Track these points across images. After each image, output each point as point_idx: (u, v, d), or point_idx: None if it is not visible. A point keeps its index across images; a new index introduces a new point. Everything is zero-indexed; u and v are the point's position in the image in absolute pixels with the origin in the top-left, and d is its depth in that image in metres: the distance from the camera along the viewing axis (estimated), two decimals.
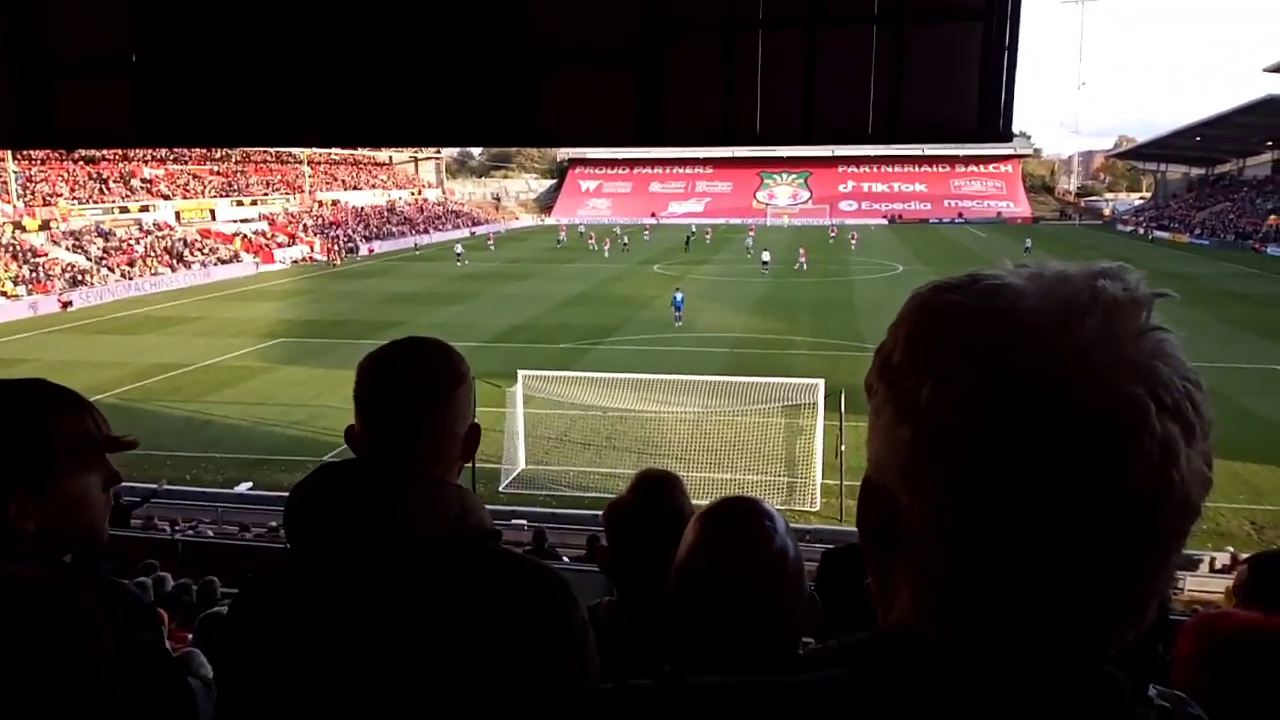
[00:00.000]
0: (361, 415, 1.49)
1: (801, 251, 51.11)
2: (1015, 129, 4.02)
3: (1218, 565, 12.46)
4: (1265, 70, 58.99)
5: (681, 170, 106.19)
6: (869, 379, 0.69)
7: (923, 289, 0.67)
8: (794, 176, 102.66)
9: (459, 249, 57.72)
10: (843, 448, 14.90)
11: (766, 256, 49.15)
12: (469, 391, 1.52)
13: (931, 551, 0.63)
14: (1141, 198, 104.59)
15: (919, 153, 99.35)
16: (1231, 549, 13.20)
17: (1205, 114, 70.38)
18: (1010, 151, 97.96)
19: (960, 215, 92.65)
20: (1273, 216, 66.82)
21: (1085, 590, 0.60)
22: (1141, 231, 77.10)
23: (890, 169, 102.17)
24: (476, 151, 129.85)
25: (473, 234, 79.04)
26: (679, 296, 32.66)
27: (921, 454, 0.62)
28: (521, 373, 18.45)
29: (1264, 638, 1.72)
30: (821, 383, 17.20)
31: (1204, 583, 11.34)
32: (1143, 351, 0.61)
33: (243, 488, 16.08)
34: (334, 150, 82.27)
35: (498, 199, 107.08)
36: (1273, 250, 60.48)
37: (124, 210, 55.16)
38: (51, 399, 1.57)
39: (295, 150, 74.22)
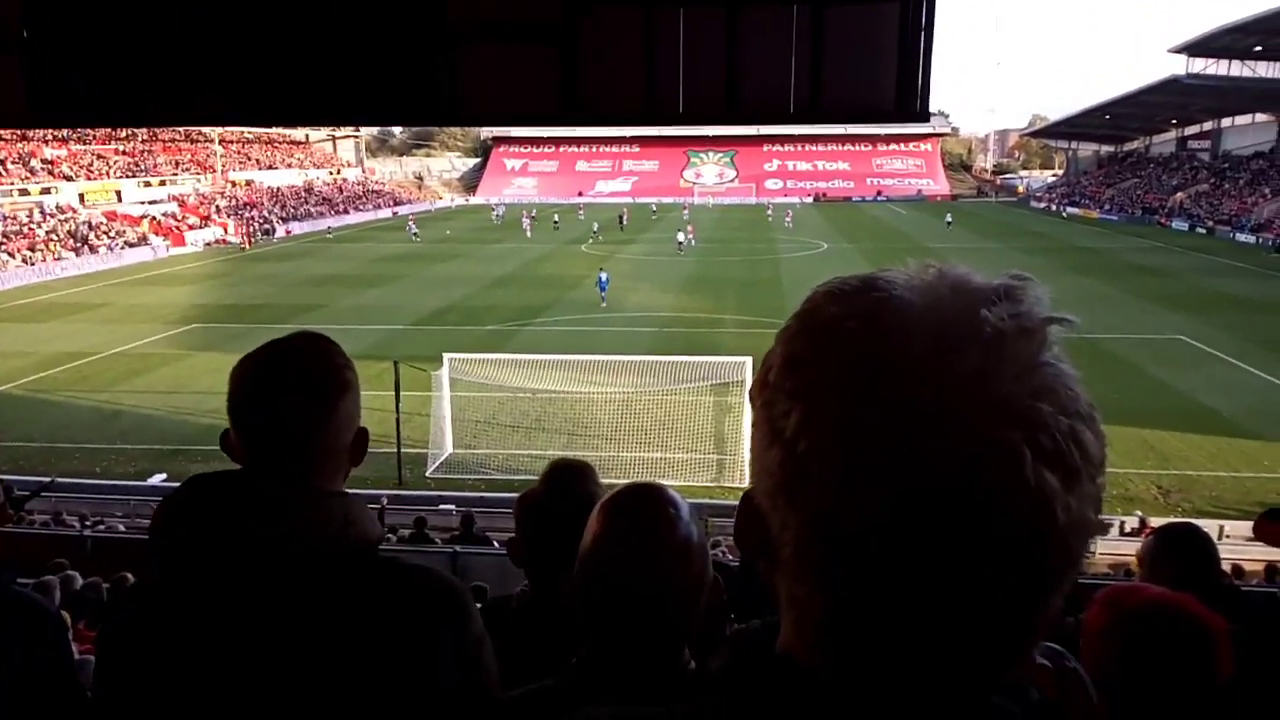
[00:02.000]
0: (236, 425, 1.37)
1: (690, 229, 52.43)
2: (933, 108, 4.07)
3: (1127, 529, 13.02)
4: (1170, 50, 61.35)
5: (608, 149, 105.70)
6: (751, 389, 0.65)
7: (819, 290, 0.63)
8: (720, 155, 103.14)
9: (412, 225, 58.19)
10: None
11: (681, 238, 49.68)
12: (355, 398, 1.41)
13: (799, 579, 0.61)
14: (1054, 175, 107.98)
15: (842, 132, 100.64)
16: (1140, 513, 13.80)
17: (1114, 93, 72.92)
18: (929, 130, 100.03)
19: (879, 193, 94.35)
20: (1178, 193, 69.74)
21: (956, 634, 0.57)
22: (1054, 208, 79.64)
23: (814, 148, 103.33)
24: (397, 130, 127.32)
25: (394, 214, 77.50)
26: (603, 277, 32.64)
27: (787, 483, 0.59)
28: (447, 356, 18.20)
29: (1167, 612, 1.76)
30: (749, 360, 17.36)
31: (1116, 545, 11.82)
32: (1024, 391, 0.56)
33: (156, 480, 15.51)
34: (247, 129, 79.63)
35: (420, 178, 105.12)
36: (1177, 224, 63.17)
37: (24, 193, 52.45)
38: None
39: (206, 129, 71.51)
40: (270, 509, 1.26)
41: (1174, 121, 77.60)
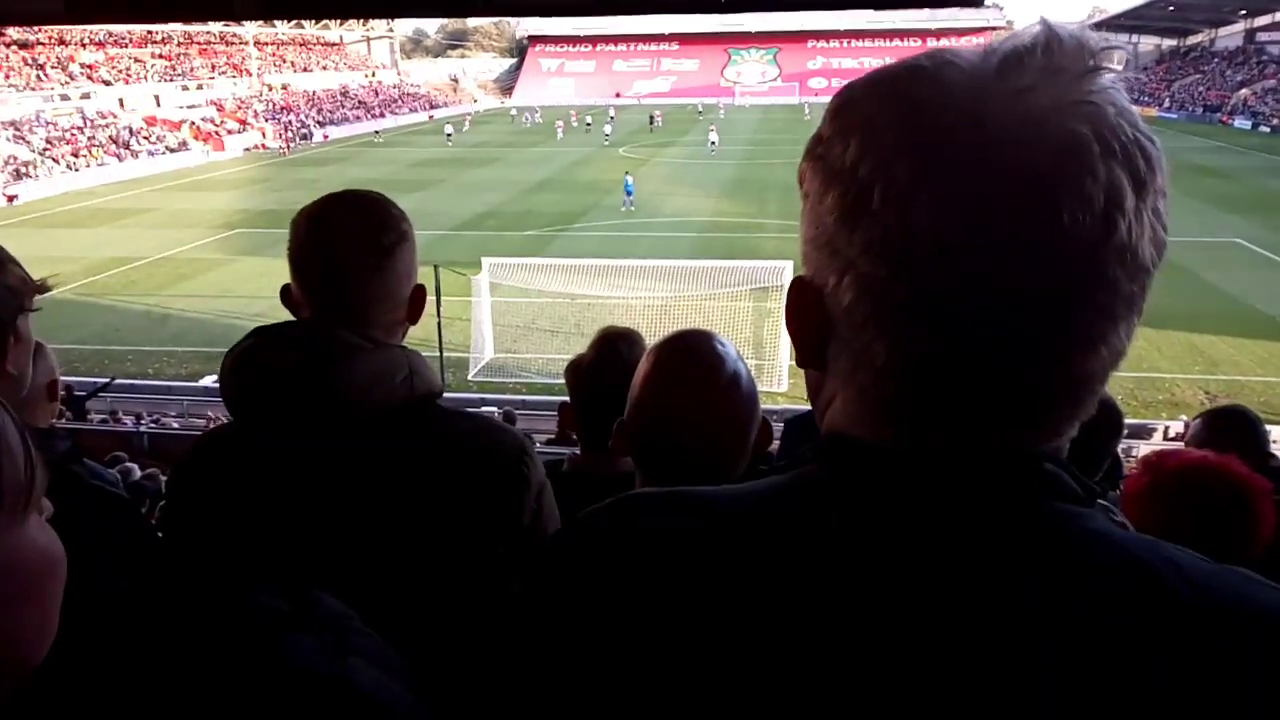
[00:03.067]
0: (297, 274, 1.39)
1: (713, 129, 51.78)
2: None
3: (1171, 434, 12.87)
4: None
5: (646, 48, 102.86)
6: (800, 167, 0.64)
7: None
8: (762, 53, 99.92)
9: (448, 129, 57.62)
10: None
11: (714, 138, 49.08)
12: (411, 250, 1.42)
13: (863, 335, 0.59)
14: (1113, 71, 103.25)
15: (889, 26, 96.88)
16: (1185, 418, 13.63)
17: None
18: (982, 23, 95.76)
19: None
20: (1243, 89, 66.50)
21: (1022, 362, 0.56)
22: None
23: (861, 44, 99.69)
24: (431, 29, 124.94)
25: (430, 118, 76.67)
26: (629, 181, 32.26)
27: (849, 217, 0.58)
28: (487, 260, 18.23)
29: (1207, 472, 1.74)
30: (790, 264, 17.15)
31: (1159, 449, 11.73)
32: (1086, 95, 0.56)
33: (207, 380, 15.92)
34: (280, 29, 78.63)
35: (455, 80, 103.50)
36: (1240, 123, 60.46)
37: (64, 98, 52.62)
38: None
39: (240, 29, 70.72)
40: (338, 355, 1.28)
41: (1243, 11, 73.38)
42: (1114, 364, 0.59)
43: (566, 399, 1.97)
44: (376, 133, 64.27)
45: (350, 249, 1.35)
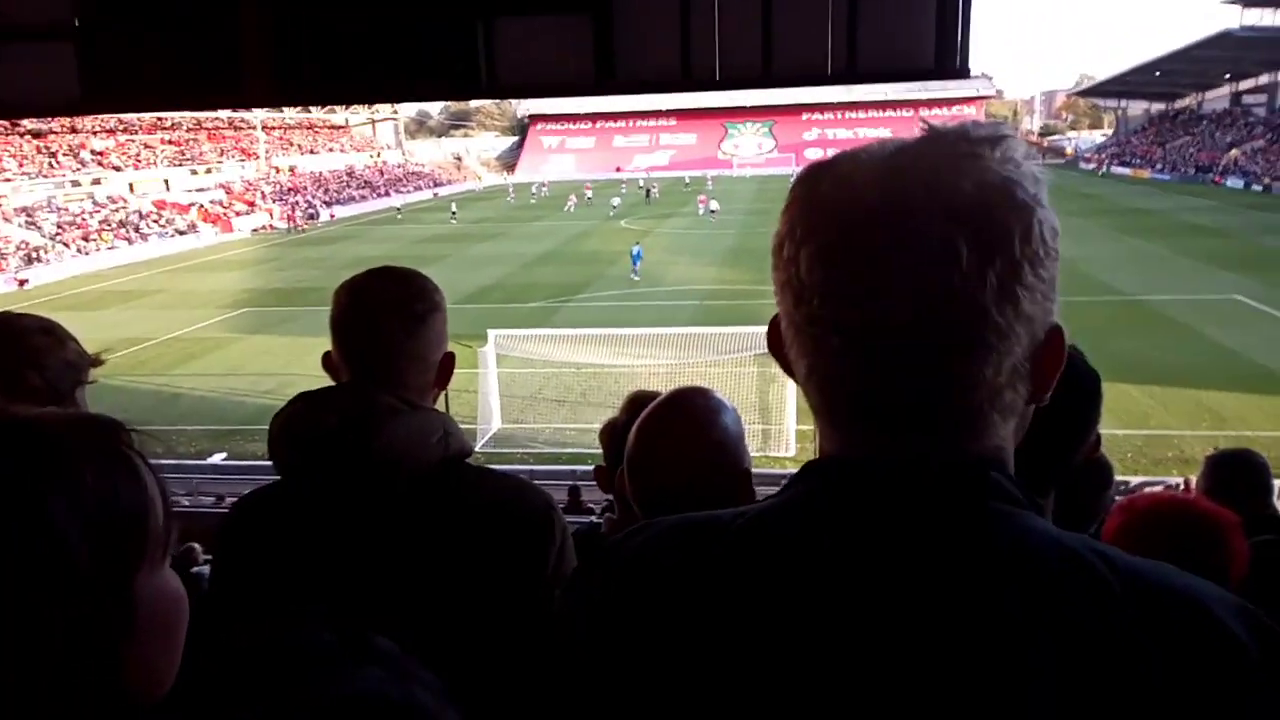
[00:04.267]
0: (337, 340, 1.50)
1: (701, 199, 54.96)
2: (976, 70, 4.03)
3: (1175, 488, 12.79)
4: (1223, 1, 59.25)
5: (645, 123, 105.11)
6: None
7: None
8: (758, 126, 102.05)
9: (453, 207, 59.51)
10: None
11: (715, 206, 51.73)
12: (443, 319, 1.55)
13: (796, 359, 0.74)
14: (1104, 135, 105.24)
15: (882, 97, 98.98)
16: (1191, 477, 13.54)
17: (1165, 49, 70.68)
18: (973, 93, 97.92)
19: None
20: (1233, 150, 67.58)
21: (890, 376, 0.68)
22: (1103, 169, 77.67)
23: (855, 115, 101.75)
24: (435, 110, 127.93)
25: (435, 195, 77.99)
26: (637, 250, 32.90)
27: (775, 269, 0.75)
28: (492, 332, 18.37)
29: (1174, 508, 1.78)
30: None
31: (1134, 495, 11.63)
32: (943, 166, 0.68)
33: (216, 458, 15.95)
34: (288, 114, 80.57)
35: (459, 158, 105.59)
36: (1232, 182, 61.29)
37: (75, 184, 53.74)
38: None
39: (248, 115, 72.48)
40: (378, 416, 1.37)
41: (1228, 76, 74.99)
42: (1003, 373, 0.68)
43: (589, 456, 2.04)
44: (398, 210, 65.57)
45: (387, 315, 1.47)
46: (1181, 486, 12.75)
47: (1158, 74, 75.47)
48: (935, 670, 0.61)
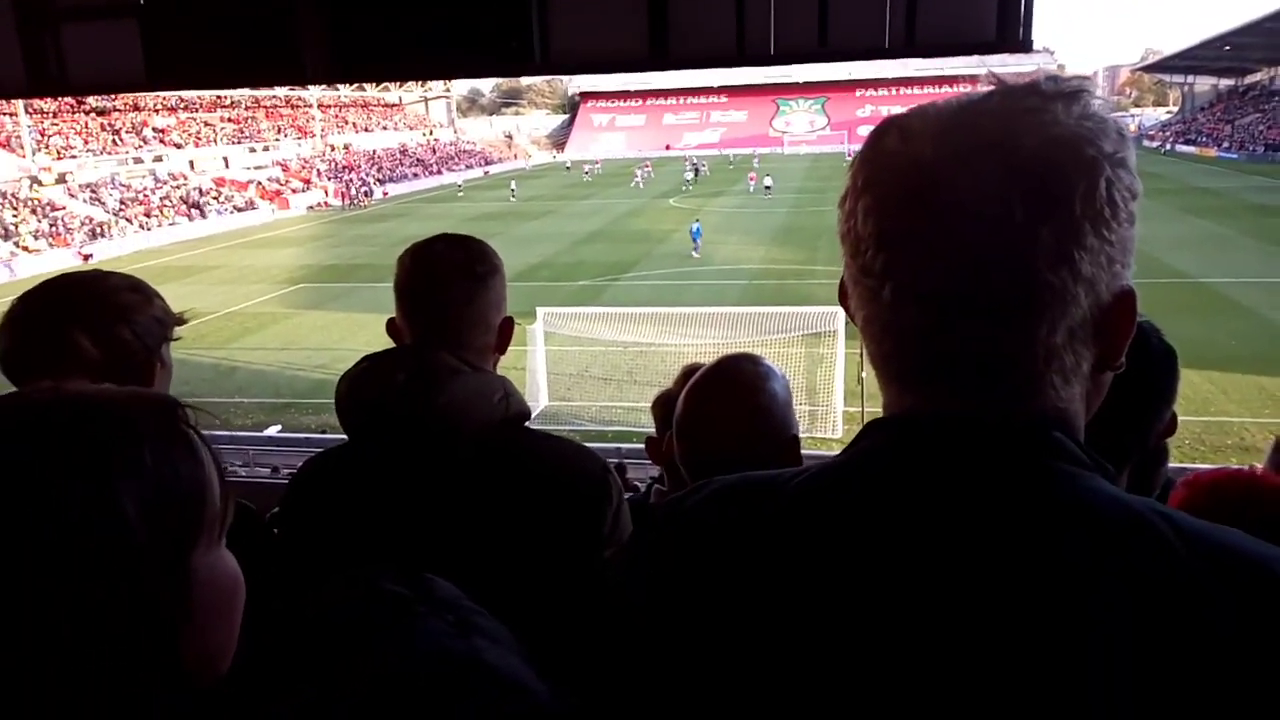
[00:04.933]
0: (402, 303, 1.54)
1: (751, 176, 55.25)
2: (1038, 44, 3.94)
3: None
4: None
5: (695, 100, 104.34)
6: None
7: None
8: (810, 103, 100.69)
9: (513, 185, 59.48)
10: (864, 374, 14.87)
11: (769, 182, 52.19)
12: (502, 282, 1.58)
13: (856, 311, 0.74)
14: (1169, 112, 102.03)
15: (938, 73, 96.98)
16: (1256, 465, 13.16)
17: (1235, 22, 68.06)
18: (1034, 67, 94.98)
19: None
20: None
21: (947, 330, 0.67)
22: (1167, 147, 75.37)
23: (910, 91, 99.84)
24: (487, 89, 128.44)
25: (486, 173, 78.41)
26: (696, 227, 32.92)
27: (840, 231, 0.73)
28: (541, 310, 18.48)
29: (1239, 482, 1.73)
30: (841, 310, 17.05)
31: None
32: (1010, 119, 0.66)
33: (272, 431, 16.32)
34: (343, 92, 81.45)
35: (510, 137, 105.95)
36: None
37: (138, 161, 55.08)
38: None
39: (304, 93, 73.46)
40: (442, 375, 1.41)
41: None
42: (1029, 341, 0.67)
43: (651, 434, 2.05)
44: (459, 187, 66.41)
45: (449, 277, 1.50)
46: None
47: (1227, 48, 72.77)
48: (993, 623, 0.60)
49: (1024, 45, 3.75)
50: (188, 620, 0.70)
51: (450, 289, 1.50)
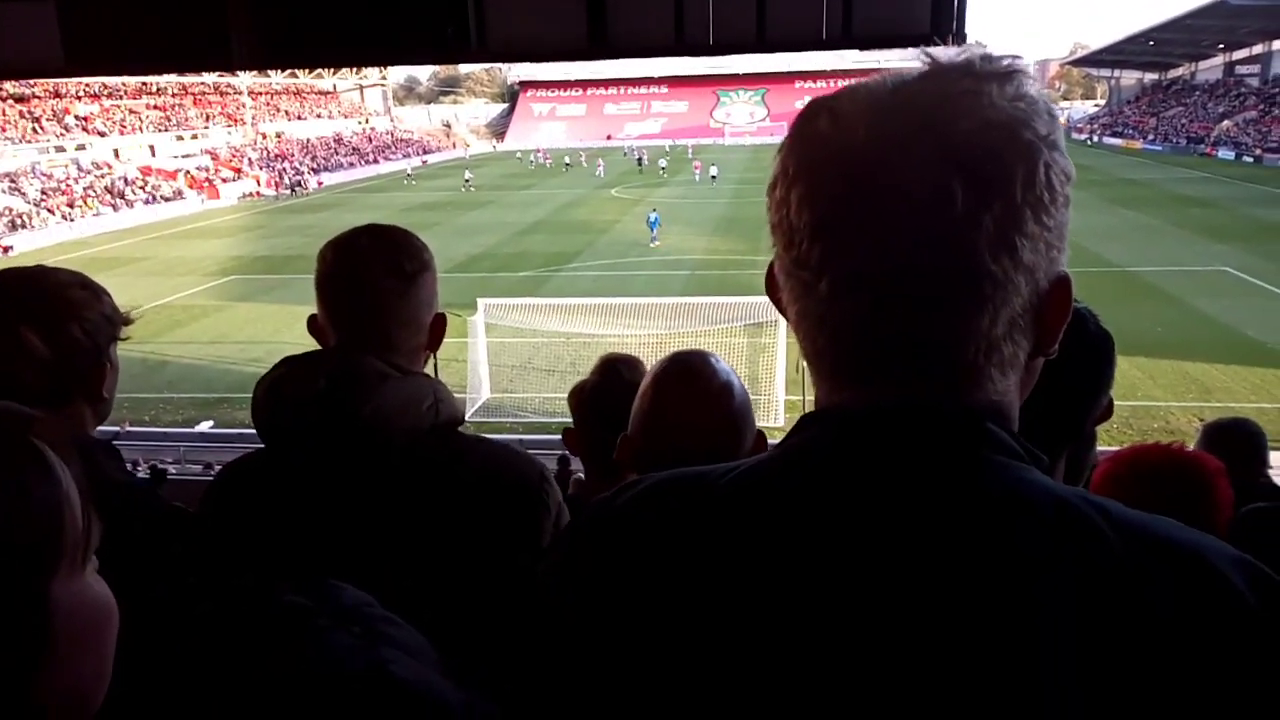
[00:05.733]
0: (324, 302, 1.45)
1: (696, 165, 56.48)
2: (969, 36, 4.00)
3: None
4: None
5: (636, 90, 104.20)
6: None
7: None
8: (750, 94, 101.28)
9: (468, 174, 57.92)
10: (802, 364, 15.03)
11: (715, 171, 52.98)
12: (433, 279, 1.49)
13: (789, 304, 0.72)
14: (1096, 105, 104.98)
15: (874, 65, 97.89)
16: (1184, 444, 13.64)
17: (1159, 18, 70.24)
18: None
19: None
20: (1225, 120, 67.51)
21: (881, 319, 0.65)
22: (1093, 139, 77.50)
23: (847, 83, 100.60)
24: (424, 76, 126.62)
25: (424, 163, 77.32)
26: (653, 216, 33.02)
27: (770, 211, 0.71)
28: (482, 301, 18.31)
29: (1156, 456, 1.78)
30: None
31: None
32: (939, 103, 0.65)
33: (204, 426, 15.92)
34: (274, 79, 79.53)
35: (448, 125, 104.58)
36: (1223, 154, 61.29)
37: (60, 150, 53.08)
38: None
39: (234, 80, 71.51)
40: (368, 381, 1.32)
41: (1221, 46, 74.71)
42: (1001, 324, 0.65)
43: (569, 425, 2.02)
44: (408, 174, 65.33)
45: (376, 275, 1.41)
46: None
47: (1151, 43, 75.11)
48: (934, 615, 0.59)
49: (957, 39, 3.81)
50: (46, 654, 0.64)
51: (378, 288, 1.40)
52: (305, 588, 0.75)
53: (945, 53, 0.68)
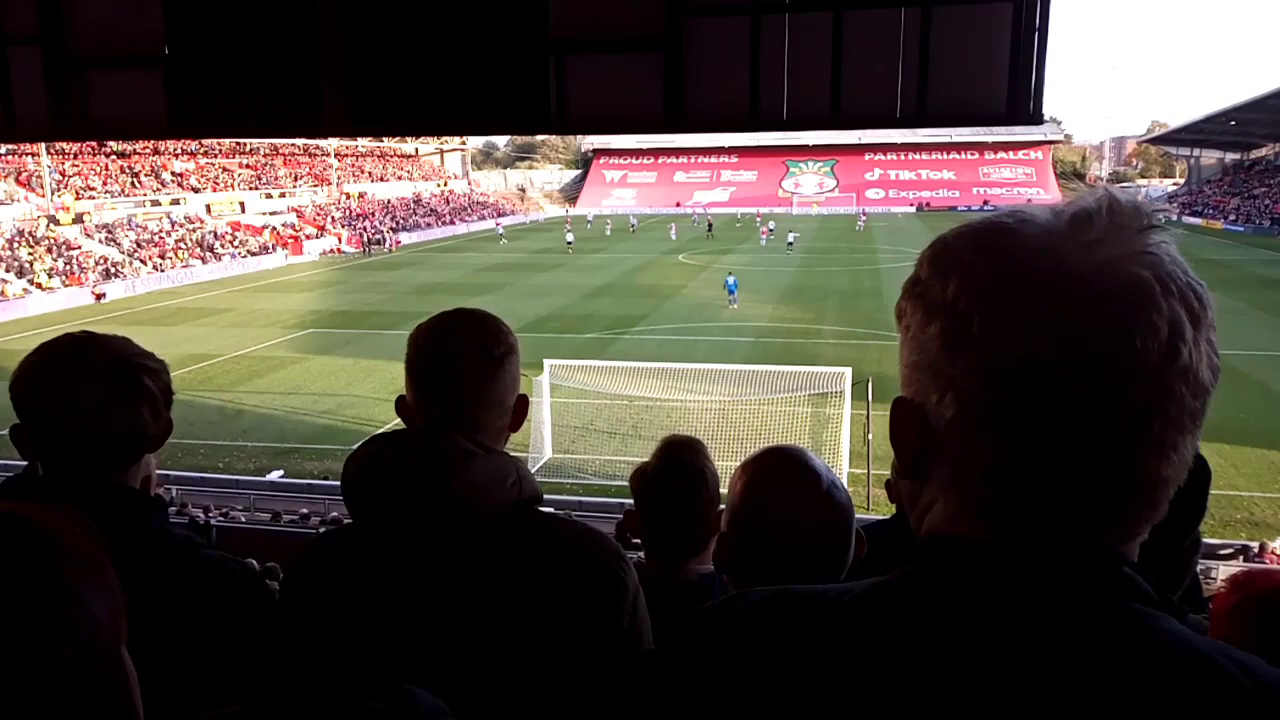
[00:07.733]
0: (414, 383, 1.50)
1: (764, 230, 58.30)
2: (1046, 114, 3.98)
3: (1252, 554, 12.28)
4: None
5: (706, 159, 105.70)
6: (898, 305, 0.74)
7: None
8: (820, 165, 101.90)
9: (569, 235, 58.95)
10: (870, 436, 14.81)
11: (791, 238, 53.77)
12: (517, 362, 1.54)
13: (963, 443, 0.68)
14: (1175, 184, 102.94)
15: (947, 139, 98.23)
16: (1269, 542, 12.99)
17: (1240, 98, 68.95)
18: (1040, 137, 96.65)
19: (986, 202, 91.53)
20: None
21: (1102, 465, 0.64)
22: (1173, 218, 75.84)
23: (918, 156, 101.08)
24: (501, 143, 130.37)
25: (498, 225, 79.29)
26: (731, 280, 33.56)
27: (950, 343, 0.67)
28: (548, 362, 18.50)
29: None
30: (849, 371, 17.10)
31: (1248, 569, 11.17)
32: (1145, 244, 0.67)
33: (274, 475, 16.25)
34: (361, 143, 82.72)
35: (523, 190, 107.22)
36: None
37: (155, 204, 55.78)
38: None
39: (322, 143, 74.60)
40: (456, 458, 1.36)
41: None
42: (1182, 471, 0.66)
43: (630, 505, 2.02)
44: (501, 234, 68.18)
45: (466, 359, 1.47)
46: (1257, 550, 12.23)
47: (1232, 123, 73.64)
48: None
49: (1035, 118, 3.80)
50: None
51: (466, 372, 1.46)
52: (380, 692, 0.75)
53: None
